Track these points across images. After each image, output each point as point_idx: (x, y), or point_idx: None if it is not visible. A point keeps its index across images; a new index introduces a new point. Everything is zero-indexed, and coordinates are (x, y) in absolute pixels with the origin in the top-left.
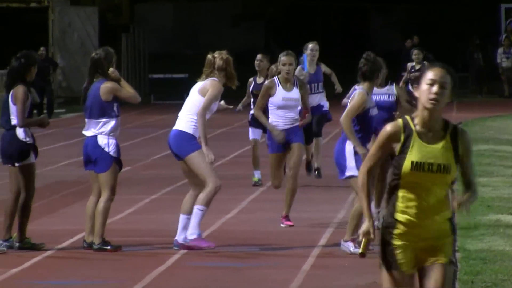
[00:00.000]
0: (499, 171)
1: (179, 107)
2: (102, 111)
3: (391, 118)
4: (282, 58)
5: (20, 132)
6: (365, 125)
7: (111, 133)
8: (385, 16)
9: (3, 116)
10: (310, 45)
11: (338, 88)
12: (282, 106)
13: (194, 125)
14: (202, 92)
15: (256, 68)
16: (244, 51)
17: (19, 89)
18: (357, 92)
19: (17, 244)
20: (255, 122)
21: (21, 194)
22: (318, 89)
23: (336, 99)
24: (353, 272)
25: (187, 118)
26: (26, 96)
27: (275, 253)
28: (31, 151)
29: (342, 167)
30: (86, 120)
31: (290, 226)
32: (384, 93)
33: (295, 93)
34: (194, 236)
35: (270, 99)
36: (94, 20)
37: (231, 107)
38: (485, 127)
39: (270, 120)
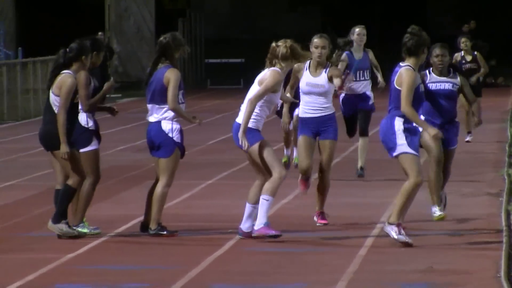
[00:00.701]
0: None
1: (235, 92)
2: (166, 97)
3: (453, 106)
4: (315, 40)
5: (82, 118)
6: (414, 104)
7: (175, 118)
8: (442, 0)
9: None
10: (357, 29)
11: (382, 82)
12: (307, 92)
13: (254, 118)
14: (261, 83)
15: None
16: (301, 36)
17: (81, 74)
18: (403, 70)
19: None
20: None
21: (86, 182)
22: (363, 77)
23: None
24: (409, 257)
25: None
26: (88, 80)
27: (331, 238)
28: (94, 136)
29: (391, 144)
30: (149, 106)
31: (325, 224)
32: (447, 81)
33: (322, 79)
34: (261, 226)
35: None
36: (150, 5)
37: (297, 101)
38: None
39: (300, 106)
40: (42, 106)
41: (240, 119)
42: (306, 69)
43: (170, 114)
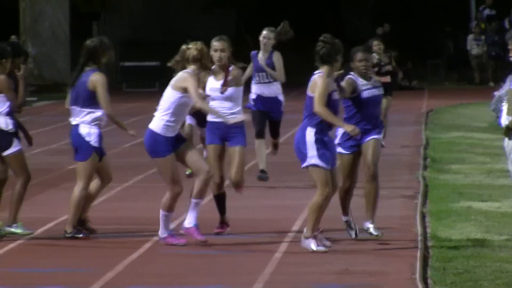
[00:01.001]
0: (470, 158)
1: (150, 95)
2: (88, 101)
3: (379, 111)
4: (214, 43)
5: (1, 121)
6: (329, 110)
7: (93, 122)
8: (356, 4)
9: None
10: (264, 32)
11: (270, 73)
12: (212, 98)
13: (165, 124)
14: (175, 87)
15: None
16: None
17: (2, 78)
18: (316, 77)
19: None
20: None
21: (17, 182)
22: (267, 79)
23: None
24: (325, 259)
25: (158, 116)
26: (11, 84)
27: (248, 241)
28: (14, 138)
29: (302, 155)
30: (71, 108)
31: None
32: (373, 86)
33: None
34: (165, 235)
35: None
36: (65, 8)
37: (209, 96)
38: (456, 114)
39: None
40: None
41: (151, 125)
42: (211, 74)
43: (90, 118)
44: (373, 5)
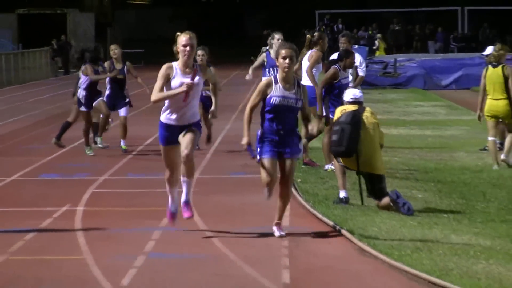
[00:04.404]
0: None
1: (138, 69)
2: None
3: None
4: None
5: (78, 93)
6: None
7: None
8: (256, 15)
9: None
10: (277, 36)
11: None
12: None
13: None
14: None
15: None
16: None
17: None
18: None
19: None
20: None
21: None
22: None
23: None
24: (236, 160)
25: None
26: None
27: None
28: (82, 104)
29: None
30: None
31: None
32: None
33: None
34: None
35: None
36: (92, 20)
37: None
38: None
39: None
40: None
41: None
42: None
43: None
44: (265, 16)
